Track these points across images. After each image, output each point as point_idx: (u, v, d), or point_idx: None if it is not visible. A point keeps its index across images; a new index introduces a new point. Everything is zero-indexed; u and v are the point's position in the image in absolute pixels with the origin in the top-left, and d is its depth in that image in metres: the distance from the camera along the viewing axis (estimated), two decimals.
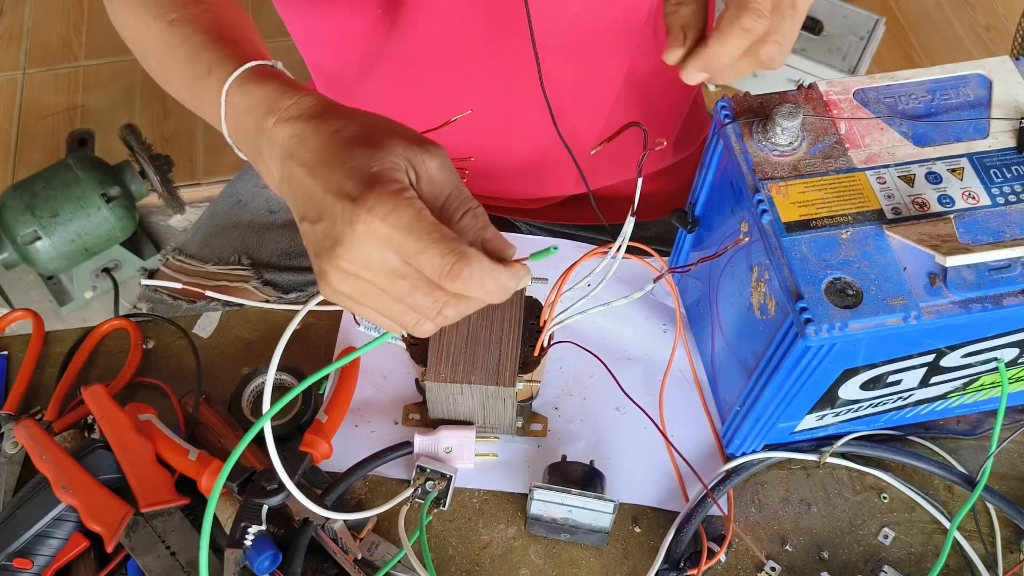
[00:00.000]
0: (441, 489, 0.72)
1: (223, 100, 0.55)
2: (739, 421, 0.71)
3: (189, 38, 0.59)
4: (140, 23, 0.63)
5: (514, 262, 0.49)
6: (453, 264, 0.46)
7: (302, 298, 1.00)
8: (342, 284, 0.48)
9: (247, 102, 0.53)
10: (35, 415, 0.78)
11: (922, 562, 0.72)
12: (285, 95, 0.52)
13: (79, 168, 1.58)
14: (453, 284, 0.46)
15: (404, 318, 0.49)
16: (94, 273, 1.72)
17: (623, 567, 0.72)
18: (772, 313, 0.62)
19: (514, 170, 0.90)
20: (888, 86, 0.67)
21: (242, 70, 0.54)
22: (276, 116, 0.51)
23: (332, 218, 0.47)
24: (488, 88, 0.82)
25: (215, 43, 0.58)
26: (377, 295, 0.48)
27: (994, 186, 0.63)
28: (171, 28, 0.61)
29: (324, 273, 0.48)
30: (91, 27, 2.19)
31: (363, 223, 0.45)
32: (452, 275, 0.46)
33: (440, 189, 0.49)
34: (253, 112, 0.53)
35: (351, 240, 0.46)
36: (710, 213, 0.73)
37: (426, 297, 0.48)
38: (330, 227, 0.47)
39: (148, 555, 0.68)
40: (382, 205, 0.45)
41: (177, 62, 0.60)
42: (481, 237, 0.49)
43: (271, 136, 0.51)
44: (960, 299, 0.58)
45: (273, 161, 0.51)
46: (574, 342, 0.75)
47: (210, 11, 0.61)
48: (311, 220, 0.48)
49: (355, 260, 0.47)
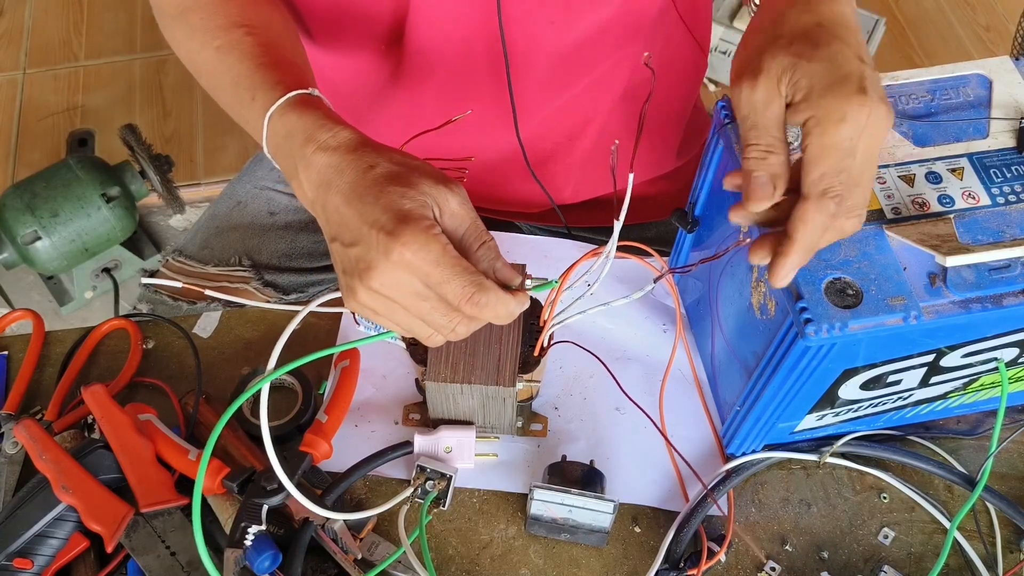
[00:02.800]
0: (441, 489, 0.72)
1: (265, 126, 0.60)
2: (739, 421, 0.71)
3: (234, 66, 0.65)
4: (192, 48, 0.69)
5: (519, 290, 0.57)
6: (473, 293, 0.53)
7: (302, 299, 1.00)
8: (369, 301, 0.55)
9: (287, 129, 0.59)
10: (35, 415, 0.78)
11: (922, 562, 0.72)
12: (323, 128, 0.57)
13: (79, 168, 1.58)
14: (471, 309, 0.54)
15: (420, 330, 0.57)
16: (94, 273, 1.72)
17: (623, 567, 0.72)
18: (772, 313, 0.62)
19: (516, 176, 0.90)
20: (888, 86, 0.67)
21: (282, 101, 0.59)
22: (315, 145, 0.56)
23: (367, 246, 0.53)
24: (490, 103, 0.83)
25: (258, 69, 0.63)
26: (400, 312, 0.55)
27: (994, 186, 0.63)
28: (217, 55, 0.66)
29: (353, 290, 0.55)
30: (91, 27, 2.19)
31: (397, 254, 0.52)
32: (472, 302, 0.53)
33: (460, 223, 0.55)
34: (292, 139, 0.58)
35: (384, 267, 0.52)
36: (710, 213, 0.73)
37: (443, 317, 0.55)
38: (364, 252, 0.53)
39: (148, 555, 0.68)
40: (415, 240, 0.52)
41: (224, 88, 0.66)
42: (493, 266, 0.56)
43: (309, 162, 0.56)
44: (960, 299, 0.58)
45: (308, 184, 0.57)
46: (574, 342, 0.75)
47: (253, 34, 0.66)
48: (344, 243, 0.54)
49: (386, 284, 0.53)
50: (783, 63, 0.52)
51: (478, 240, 0.56)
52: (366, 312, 0.56)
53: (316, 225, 1.01)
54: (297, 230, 1.00)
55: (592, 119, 0.89)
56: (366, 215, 0.53)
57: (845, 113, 0.50)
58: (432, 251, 0.52)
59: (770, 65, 0.53)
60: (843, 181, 0.52)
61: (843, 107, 0.50)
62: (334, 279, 1.03)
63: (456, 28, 0.77)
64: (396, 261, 0.52)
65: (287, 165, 0.59)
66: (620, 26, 0.80)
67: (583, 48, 0.80)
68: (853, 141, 0.51)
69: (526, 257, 0.86)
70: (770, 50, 0.53)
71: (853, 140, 0.51)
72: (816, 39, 0.53)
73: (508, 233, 0.92)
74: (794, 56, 0.52)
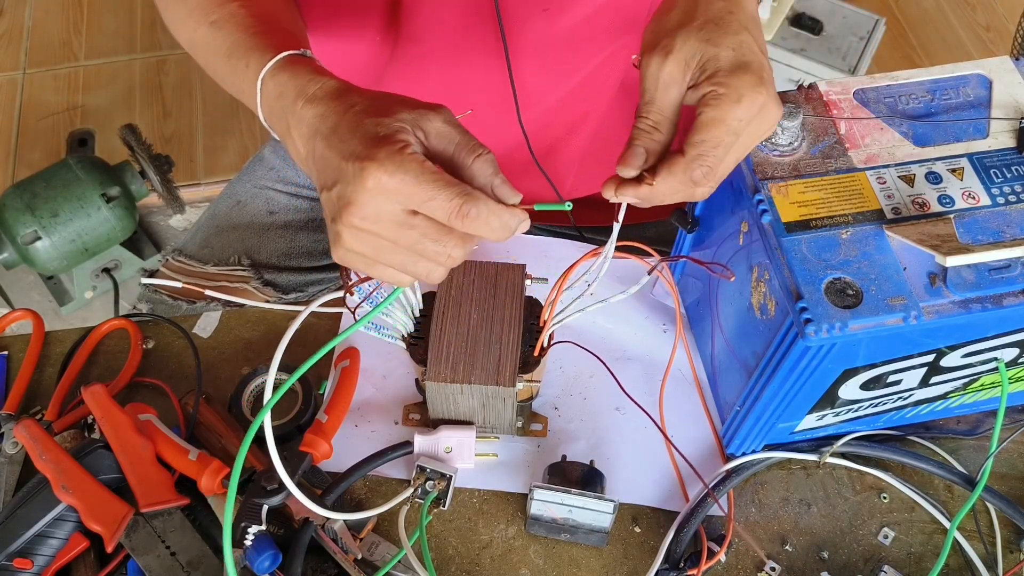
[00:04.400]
0: (441, 489, 0.72)
1: (258, 89, 0.59)
2: (739, 421, 0.71)
3: (228, 36, 0.64)
4: (188, 28, 0.69)
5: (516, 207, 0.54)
6: (461, 205, 0.50)
7: (302, 299, 1.00)
8: (355, 243, 0.52)
9: (279, 89, 0.58)
10: (35, 415, 0.78)
11: (922, 562, 0.72)
12: (312, 81, 0.56)
13: (79, 168, 1.58)
14: (463, 223, 0.51)
15: (416, 268, 0.54)
16: (94, 273, 1.72)
17: (623, 567, 0.72)
18: (772, 313, 0.62)
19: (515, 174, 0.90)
20: (888, 86, 0.67)
21: (273, 62, 0.59)
22: (303, 99, 0.55)
23: (345, 180, 0.51)
24: (488, 96, 0.83)
25: (251, 37, 0.63)
26: (389, 249, 0.53)
27: (994, 186, 0.63)
28: (212, 29, 0.66)
29: (338, 235, 0.52)
30: (91, 27, 2.19)
31: (373, 179, 0.49)
32: (461, 215, 0.51)
33: (448, 140, 0.53)
34: (284, 97, 0.57)
35: (362, 196, 0.50)
36: (710, 213, 0.73)
37: (435, 243, 0.52)
38: (343, 188, 0.51)
39: (148, 555, 0.68)
40: (390, 161, 0.49)
41: (220, 60, 0.65)
42: (492, 182, 0.53)
43: (299, 117, 0.55)
44: (960, 299, 0.58)
45: (300, 139, 0.55)
46: (574, 342, 0.75)
47: (247, 6, 0.66)
48: (328, 187, 0.53)
49: (367, 216, 0.51)
50: (693, 47, 0.55)
51: (472, 153, 0.53)
52: (355, 260, 0.54)
53: (316, 224, 1.02)
54: (296, 229, 1.00)
55: (590, 113, 0.89)
56: (343, 150, 0.51)
57: (743, 95, 0.53)
58: (409, 170, 0.50)
59: (681, 47, 0.55)
60: (718, 156, 0.54)
61: (741, 89, 0.53)
62: (334, 279, 1.03)
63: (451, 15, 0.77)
64: (372, 188, 0.50)
65: (281, 127, 0.59)
66: (613, 16, 0.80)
67: (578, 38, 0.80)
68: (742, 123, 0.54)
69: (526, 257, 0.86)
70: (682, 32, 0.55)
71: (742, 122, 0.54)
72: (726, 26, 0.55)
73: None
74: (703, 41, 0.55)
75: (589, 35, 0.81)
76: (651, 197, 0.57)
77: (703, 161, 0.54)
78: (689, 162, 0.54)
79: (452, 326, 0.70)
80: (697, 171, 0.54)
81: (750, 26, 0.56)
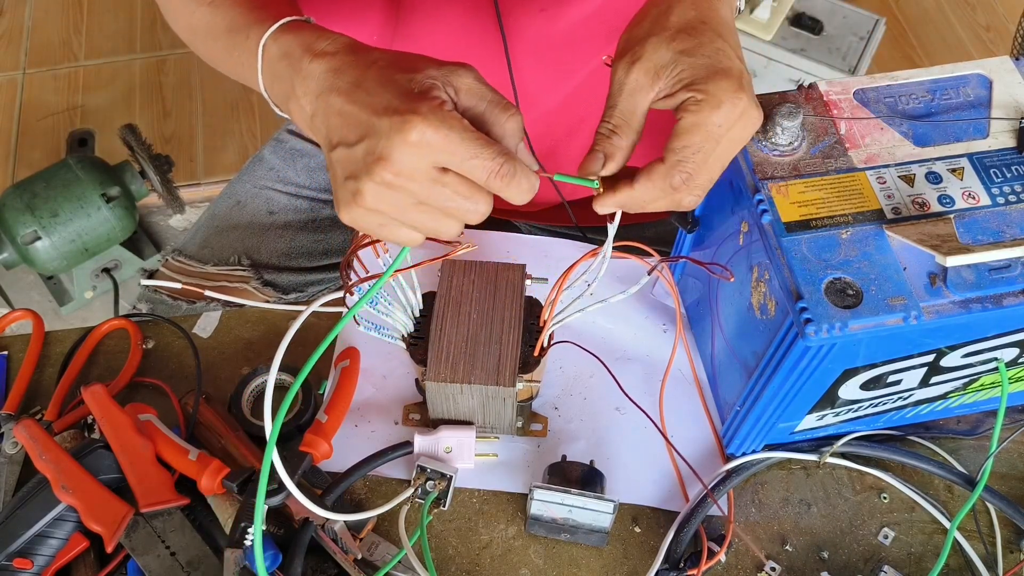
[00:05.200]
0: (441, 489, 0.72)
1: (259, 54, 0.58)
2: (739, 421, 0.71)
3: (227, 12, 0.64)
4: (186, 13, 0.68)
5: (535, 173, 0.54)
6: (502, 164, 0.50)
7: (302, 299, 1.00)
8: (378, 200, 0.51)
9: (282, 50, 0.57)
10: (35, 415, 0.78)
11: (922, 562, 0.72)
12: (320, 38, 0.55)
13: (79, 168, 1.58)
14: (500, 183, 0.50)
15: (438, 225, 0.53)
16: (94, 273, 1.72)
17: (623, 567, 0.72)
18: (772, 313, 0.62)
19: None
20: (888, 86, 0.67)
21: (277, 25, 0.58)
22: (312, 55, 0.54)
23: (378, 135, 0.49)
24: None
25: (251, 11, 0.62)
26: (413, 207, 0.51)
27: (994, 186, 0.63)
28: (211, 9, 0.65)
29: (359, 193, 0.51)
30: (91, 27, 2.19)
31: (417, 132, 0.48)
32: (501, 175, 0.50)
33: (480, 97, 0.52)
34: (288, 56, 0.56)
35: (402, 151, 0.48)
36: (710, 213, 0.73)
37: (467, 200, 0.51)
38: (374, 143, 0.49)
39: (148, 555, 0.68)
40: (433, 115, 0.48)
41: (219, 37, 0.65)
42: (517, 146, 0.53)
43: (307, 73, 0.54)
44: (960, 299, 0.58)
45: (307, 97, 0.54)
46: (574, 342, 0.75)
47: None
48: (349, 143, 0.51)
49: (401, 171, 0.49)
50: (664, 57, 0.54)
51: (506, 111, 0.52)
52: (371, 220, 0.52)
53: (316, 224, 1.02)
54: (296, 229, 1.00)
55: (589, 116, 0.89)
56: (374, 104, 0.50)
57: (722, 100, 0.53)
58: (453, 126, 0.49)
59: (651, 55, 0.55)
60: (697, 162, 0.54)
61: (721, 95, 0.53)
62: (334, 279, 1.03)
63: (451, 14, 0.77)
64: (415, 141, 0.48)
65: (282, 90, 0.57)
66: (611, 18, 0.80)
67: (576, 39, 0.80)
68: (722, 129, 0.53)
69: (526, 257, 0.86)
70: (653, 41, 0.55)
71: (722, 128, 0.53)
72: (700, 34, 0.55)
73: (508, 233, 0.92)
74: (676, 52, 0.54)
75: (587, 36, 0.81)
76: (631, 203, 0.56)
77: (682, 167, 0.54)
78: (668, 168, 0.54)
79: (452, 326, 0.70)
80: (676, 177, 0.54)
81: (725, 33, 0.56)
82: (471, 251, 0.71)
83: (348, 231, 1.02)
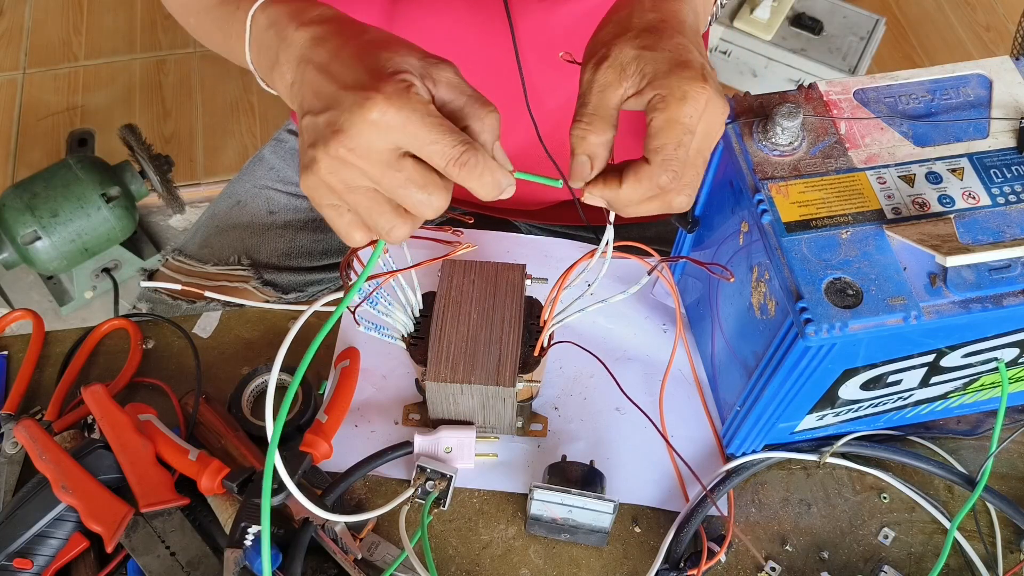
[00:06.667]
0: (441, 489, 0.72)
1: (248, 26, 0.58)
2: (739, 421, 0.71)
3: None
4: None
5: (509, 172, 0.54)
6: (463, 152, 0.49)
7: (302, 299, 1.00)
8: (330, 174, 0.50)
9: (270, 20, 0.57)
10: (35, 415, 0.78)
11: (922, 562, 0.72)
12: (308, 7, 0.55)
13: (79, 168, 1.58)
14: (459, 171, 0.49)
15: (379, 219, 0.51)
16: (94, 273, 1.72)
17: (623, 567, 0.72)
18: (772, 313, 0.62)
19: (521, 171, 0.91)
20: (888, 86, 0.67)
21: None
22: (298, 23, 0.54)
23: (340, 107, 0.49)
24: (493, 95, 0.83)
25: None
26: (362, 191, 0.50)
27: (994, 186, 0.63)
28: None
29: (315, 161, 0.50)
30: (91, 27, 2.19)
31: (378, 111, 0.48)
32: (460, 163, 0.49)
33: (460, 92, 0.52)
34: (275, 25, 0.56)
35: (359, 127, 0.48)
36: (710, 213, 0.73)
37: (420, 190, 0.50)
38: (336, 116, 0.49)
39: (148, 555, 0.68)
40: (397, 96, 0.48)
41: (211, 10, 0.65)
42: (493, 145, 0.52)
43: (291, 41, 0.54)
44: (960, 299, 0.58)
45: (288, 65, 0.54)
46: (574, 342, 0.75)
47: None
48: (315, 112, 0.50)
49: (356, 148, 0.49)
50: (629, 55, 0.55)
51: (484, 107, 0.52)
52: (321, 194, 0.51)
53: (316, 224, 1.02)
54: (296, 229, 1.00)
55: None
56: (344, 77, 0.50)
57: (686, 92, 0.53)
58: (417, 109, 0.48)
59: (616, 54, 0.55)
60: (680, 158, 0.54)
61: (684, 87, 0.53)
62: (334, 279, 1.03)
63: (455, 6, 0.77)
64: (374, 120, 0.48)
65: (267, 59, 0.57)
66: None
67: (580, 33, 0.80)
68: (693, 119, 0.53)
69: (526, 257, 0.86)
70: (618, 42, 0.56)
71: (693, 119, 0.53)
72: (660, 32, 0.56)
73: (508, 233, 0.92)
74: (640, 48, 0.55)
75: (590, 30, 0.81)
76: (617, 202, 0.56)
77: (668, 166, 0.53)
78: (654, 168, 0.54)
79: (452, 326, 0.70)
80: (663, 177, 0.53)
81: (684, 31, 0.57)
82: (471, 251, 0.71)
83: None
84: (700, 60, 0.55)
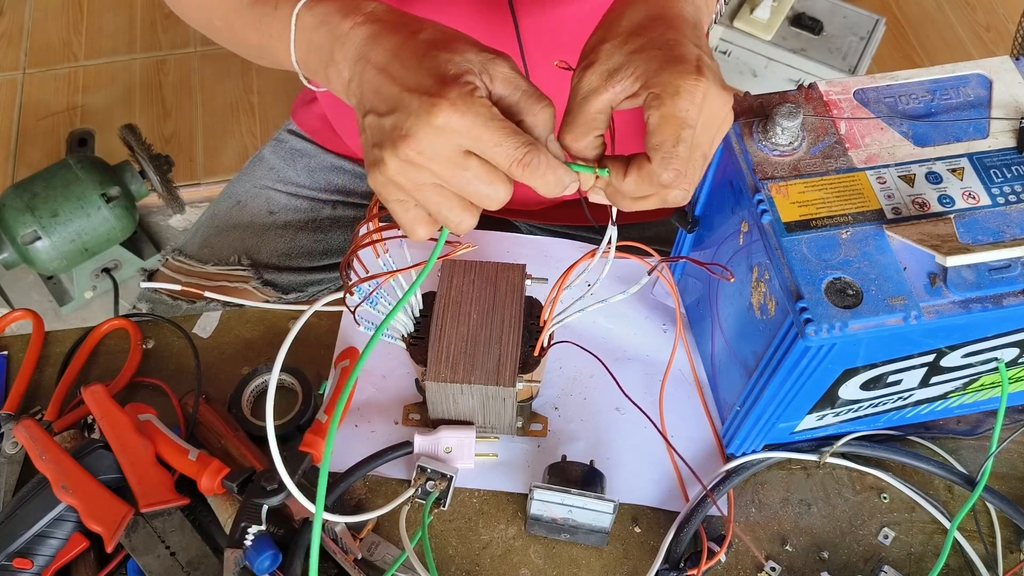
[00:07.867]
0: (442, 489, 0.72)
1: (293, 25, 0.58)
2: (739, 421, 0.71)
3: None
4: None
5: None
6: (526, 153, 0.50)
7: (302, 299, 1.00)
8: (399, 175, 0.51)
9: (318, 20, 0.57)
10: (35, 415, 0.78)
11: (922, 562, 0.72)
12: (359, 3, 0.55)
13: (79, 168, 1.58)
14: (523, 172, 0.51)
15: (449, 213, 0.53)
16: (94, 273, 1.72)
17: (623, 567, 0.72)
18: (772, 313, 0.62)
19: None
20: (888, 86, 0.67)
21: None
22: (352, 20, 0.54)
23: (406, 111, 0.50)
24: None
25: None
26: (430, 188, 0.52)
27: (994, 186, 0.63)
28: None
29: (382, 162, 0.51)
30: (91, 27, 2.19)
31: (443, 117, 0.49)
32: (523, 163, 0.51)
33: (515, 87, 0.52)
34: (327, 23, 0.56)
35: (425, 132, 0.49)
36: (710, 213, 0.73)
37: (488, 185, 0.52)
38: (401, 119, 0.50)
39: (148, 555, 0.68)
40: (462, 101, 0.49)
41: (242, 11, 0.64)
42: (549, 137, 0.53)
43: (347, 38, 0.54)
44: (960, 299, 0.58)
45: (345, 62, 0.54)
46: (574, 342, 0.75)
47: None
48: (379, 113, 0.52)
49: (423, 151, 0.50)
50: (617, 61, 0.55)
51: (539, 102, 0.52)
52: (391, 192, 0.53)
53: (316, 224, 1.02)
54: (296, 229, 1.00)
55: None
56: (406, 79, 0.51)
57: (679, 87, 0.52)
58: (480, 113, 0.49)
59: (604, 60, 0.55)
60: (680, 154, 0.53)
61: (676, 82, 0.52)
62: (334, 279, 1.03)
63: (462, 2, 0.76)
64: (440, 125, 0.49)
65: (320, 59, 0.57)
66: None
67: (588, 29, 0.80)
68: (691, 113, 0.53)
69: (526, 257, 0.86)
70: (606, 47, 0.56)
71: (690, 112, 0.53)
72: (649, 32, 0.55)
73: (508, 233, 0.92)
74: (628, 53, 0.55)
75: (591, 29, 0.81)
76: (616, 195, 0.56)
77: (670, 163, 0.53)
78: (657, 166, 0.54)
79: (452, 326, 0.70)
80: (665, 175, 0.53)
81: (679, 25, 0.56)
82: (471, 251, 0.71)
83: (348, 231, 1.02)
84: (695, 53, 0.54)
